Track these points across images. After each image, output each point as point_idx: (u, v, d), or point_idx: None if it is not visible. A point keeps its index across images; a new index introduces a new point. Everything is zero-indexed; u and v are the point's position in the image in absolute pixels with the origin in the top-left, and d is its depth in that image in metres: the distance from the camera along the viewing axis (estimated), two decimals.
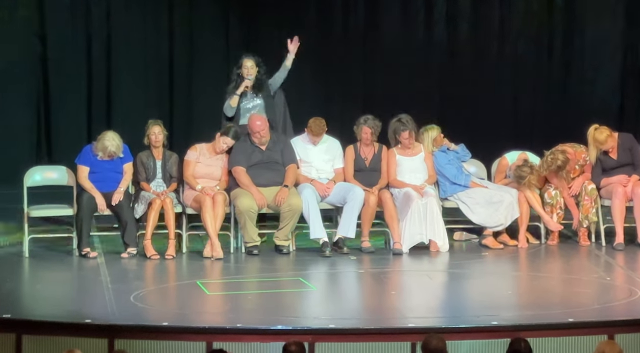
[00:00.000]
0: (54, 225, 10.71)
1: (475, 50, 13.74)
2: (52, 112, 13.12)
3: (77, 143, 11.60)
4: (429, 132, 10.60)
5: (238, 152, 10.22)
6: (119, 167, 10.23)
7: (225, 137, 10.25)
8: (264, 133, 10.21)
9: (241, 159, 10.18)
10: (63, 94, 13.09)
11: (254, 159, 10.19)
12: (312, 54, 13.37)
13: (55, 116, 13.11)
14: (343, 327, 7.46)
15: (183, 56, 13.38)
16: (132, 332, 7.36)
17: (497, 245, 10.43)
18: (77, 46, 13.07)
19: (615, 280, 9.09)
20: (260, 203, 9.97)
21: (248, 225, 9.94)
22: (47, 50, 12.96)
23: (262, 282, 9.02)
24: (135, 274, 9.35)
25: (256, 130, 10.20)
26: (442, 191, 10.51)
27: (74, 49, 13.07)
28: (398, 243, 10.20)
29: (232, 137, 10.24)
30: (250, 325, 7.53)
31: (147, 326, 7.51)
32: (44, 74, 13.05)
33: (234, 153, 10.22)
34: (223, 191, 10.17)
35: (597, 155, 10.49)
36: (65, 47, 13.04)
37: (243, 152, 10.20)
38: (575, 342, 7.32)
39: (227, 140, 10.24)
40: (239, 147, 10.23)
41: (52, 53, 13.01)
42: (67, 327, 7.43)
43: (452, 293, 8.54)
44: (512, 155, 10.79)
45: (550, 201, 10.51)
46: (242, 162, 10.16)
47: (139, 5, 13.18)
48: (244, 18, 13.46)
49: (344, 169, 10.46)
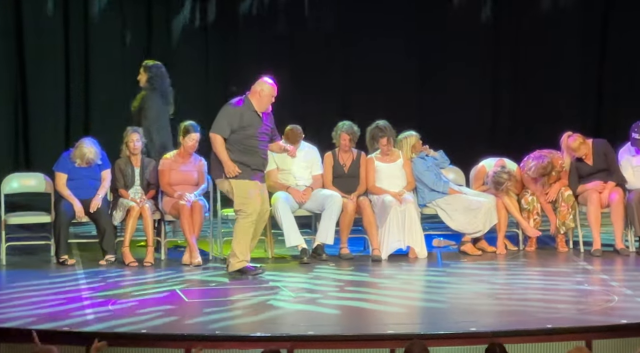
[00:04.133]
0: (31, 233, 10.66)
1: (453, 56, 13.79)
2: (30, 119, 13.08)
3: (55, 150, 11.57)
4: (407, 139, 10.62)
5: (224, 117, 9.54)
6: (96, 174, 10.21)
7: (190, 135, 10.23)
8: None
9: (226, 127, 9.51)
10: (41, 101, 13.06)
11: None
12: (289, 60, 13.42)
13: (33, 123, 13.07)
14: (322, 333, 7.46)
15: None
16: (110, 339, 7.33)
17: (475, 252, 10.46)
18: (55, 54, 13.05)
19: (592, 286, 9.12)
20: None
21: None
22: (24, 57, 12.93)
23: (241, 289, 9.01)
24: (114, 281, 9.32)
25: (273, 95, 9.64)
26: (420, 198, 10.53)
27: (52, 56, 13.04)
28: (377, 250, 10.22)
29: (193, 130, 10.22)
30: (229, 333, 7.53)
31: (125, 333, 7.49)
32: (22, 81, 13.01)
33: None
34: (200, 199, 10.16)
35: (571, 162, 10.55)
36: (43, 55, 13.01)
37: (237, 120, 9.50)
38: (553, 348, 7.35)
39: (192, 136, 10.23)
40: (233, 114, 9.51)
41: (30, 60, 12.98)
42: (45, 335, 7.39)
43: (431, 300, 8.55)
44: (490, 162, 10.83)
45: (527, 207, 10.55)
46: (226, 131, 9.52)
47: (118, 15, 13.17)
48: (222, 27, 13.47)
49: (323, 175, 10.47)
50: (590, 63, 13.90)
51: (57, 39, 13.04)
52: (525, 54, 13.88)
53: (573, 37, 13.84)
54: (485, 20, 13.86)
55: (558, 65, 13.80)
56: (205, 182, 10.33)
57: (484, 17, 13.86)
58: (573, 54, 13.86)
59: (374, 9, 13.61)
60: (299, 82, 13.25)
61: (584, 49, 13.87)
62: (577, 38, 13.86)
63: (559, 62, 13.80)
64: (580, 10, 13.82)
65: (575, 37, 13.85)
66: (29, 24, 12.92)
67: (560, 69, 13.81)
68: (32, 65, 12.95)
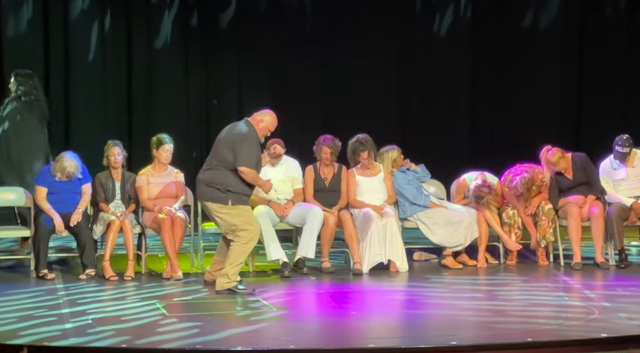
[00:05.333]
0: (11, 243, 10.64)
1: (434, 71, 13.84)
2: None
3: None
4: (389, 153, 10.64)
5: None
6: (77, 188, 10.18)
7: (163, 146, 10.22)
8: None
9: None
10: None
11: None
12: (270, 74, 13.43)
13: None
14: (303, 348, 7.45)
15: (142, 76, 13.37)
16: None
17: (456, 265, 10.48)
18: (35, 66, 13.02)
19: (573, 299, 9.15)
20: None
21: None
22: (3, 70, 12.90)
23: (221, 303, 8.99)
24: (94, 296, 9.29)
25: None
26: (401, 211, 10.55)
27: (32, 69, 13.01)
28: (358, 264, 10.22)
29: (168, 141, 10.20)
30: (210, 347, 7.50)
31: (106, 348, 7.45)
32: (1, 94, 12.97)
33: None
34: (181, 212, 10.14)
35: (551, 176, 10.59)
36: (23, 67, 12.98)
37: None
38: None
39: (165, 147, 10.22)
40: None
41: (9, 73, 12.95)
42: (24, 349, 7.35)
43: (412, 313, 8.55)
44: (470, 176, 10.86)
45: (508, 221, 10.58)
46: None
47: (98, 26, 13.16)
48: (202, 40, 13.48)
49: (304, 189, 10.47)
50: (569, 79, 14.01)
51: (37, 52, 13.03)
52: (506, 69, 13.96)
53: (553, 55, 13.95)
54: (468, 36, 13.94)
55: (538, 81, 13.89)
56: (184, 193, 10.31)
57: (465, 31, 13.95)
58: (554, 72, 13.96)
59: (358, 22, 13.66)
60: (281, 96, 13.27)
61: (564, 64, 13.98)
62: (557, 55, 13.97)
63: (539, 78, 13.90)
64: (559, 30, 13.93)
65: (555, 54, 13.96)
66: (8, 36, 12.91)
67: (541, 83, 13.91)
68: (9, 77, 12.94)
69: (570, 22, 13.97)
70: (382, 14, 13.73)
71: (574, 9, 13.96)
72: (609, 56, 13.94)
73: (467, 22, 13.92)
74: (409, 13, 13.87)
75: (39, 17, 13.03)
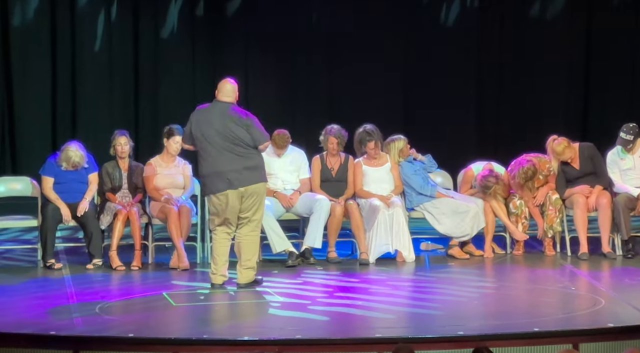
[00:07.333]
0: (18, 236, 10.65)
1: (440, 60, 13.82)
2: (16, 122, 13.05)
3: (42, 154, 11.56)
4: (395, 143, 10.62)
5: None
6: (83, 177, 10.17)
7: (174, 137, 10.20)
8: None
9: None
10: (27, 105, 13.03)
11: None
12: (277, 64, 13.42)
13: (19, 127, 13.05)
14: (310, 337, 7.45)
15: (149, 66, 13.37)
16: (98, 343, 7.32)
17: (463, 255, 10.47)
18: (42, 56, 13.03)
19: (579, 289, 9.14)
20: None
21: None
22: (10, 60, 12.91)
23: (228, 293, 8.99)
24: (101, 285, 9.30)
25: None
26: (408, 201, 10.54)
27: (38, 59, 13.03)
28: (364, 254, 10.22)
29: (178, 133, 10.14)
30: (217, 336, 7.51)
31: (113, 337, 7.46)
32: (8, 84, 12.99)
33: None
34: (187, 202, 10.14)
35: (558, 166, 10.57)
36: (30, 57, 13.00)
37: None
38: (540, 352, 7.36)
39: (176, 139, 10.18)
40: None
41: (16, 63, 12.96)
42: (32, 338, 7.38)
43: (418, 303, 8.55)
44: (477, 166, 10.84)
45: (515, 211, 10.56)
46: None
47: (104, 15, 13.16)
48: (210, 27, 13.48)
49: (311, 179, 10.47)
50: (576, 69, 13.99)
51: (44, 41, 13.03)
52: (513, 59, 13.94)
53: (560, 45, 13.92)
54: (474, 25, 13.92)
55: (545, 71, 13.86)
56: (192, 185, 10.31)
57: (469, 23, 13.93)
58: (561, 62, 13.93)
59: (365, 11, 13.64)
60: (287, 85, 13.26)
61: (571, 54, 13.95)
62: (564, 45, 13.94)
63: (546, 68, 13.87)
64: (566, 21, 13.90)
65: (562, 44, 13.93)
66: (14, 26, 12.91)
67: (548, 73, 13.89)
68: (18, 68, 12.94)
69: (578, 12, 13.94)
70: (389, 2, 13.71)
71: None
72: (616, 46, 13.90)
73: (474, 12, 13.89)
74: (416, 3, 13.85)
75: (45, 7, 13.04)
